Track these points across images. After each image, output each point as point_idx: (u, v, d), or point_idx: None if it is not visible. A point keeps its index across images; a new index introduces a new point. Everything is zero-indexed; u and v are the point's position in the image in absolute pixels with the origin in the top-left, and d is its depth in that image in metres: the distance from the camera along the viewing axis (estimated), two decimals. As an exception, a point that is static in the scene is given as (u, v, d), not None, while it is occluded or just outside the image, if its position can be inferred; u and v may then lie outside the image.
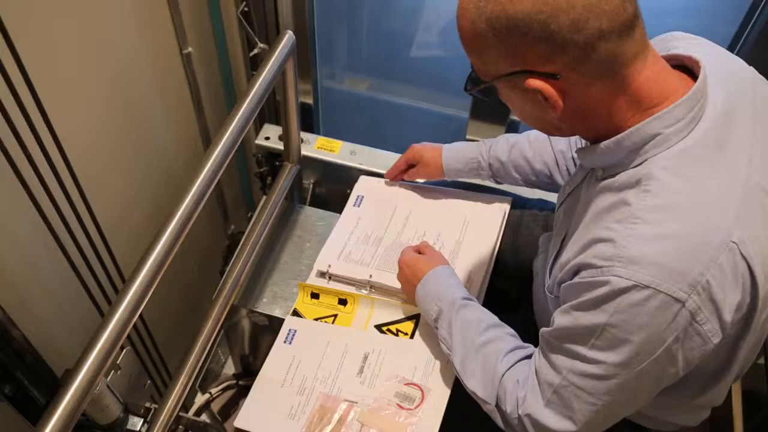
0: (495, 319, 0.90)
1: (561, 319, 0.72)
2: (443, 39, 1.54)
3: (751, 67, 0.77)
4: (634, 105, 0.66)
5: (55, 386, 0.92)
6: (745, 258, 0.62)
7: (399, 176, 1.24)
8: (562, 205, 0.87)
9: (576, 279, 0.68)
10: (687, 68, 0.70)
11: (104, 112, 1.06)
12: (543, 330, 0.76)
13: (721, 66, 0.72)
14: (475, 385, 0.85)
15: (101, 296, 1.06)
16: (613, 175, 0.69)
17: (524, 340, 0.96)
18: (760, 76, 0.76)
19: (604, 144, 0.68)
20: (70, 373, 0.72)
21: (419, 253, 1.05)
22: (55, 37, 0.89)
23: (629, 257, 0.62)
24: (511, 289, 1.18)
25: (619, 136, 0.67)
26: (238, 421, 0.96)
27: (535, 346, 0.96)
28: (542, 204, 1.19)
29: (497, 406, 0.82)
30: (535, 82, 0.64)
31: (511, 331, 0.89)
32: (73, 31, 0.93)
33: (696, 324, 0.63)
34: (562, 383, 0.72)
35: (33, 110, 0.80)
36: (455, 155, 1.15)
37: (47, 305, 1.00)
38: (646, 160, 0.66)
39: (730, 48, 1.29)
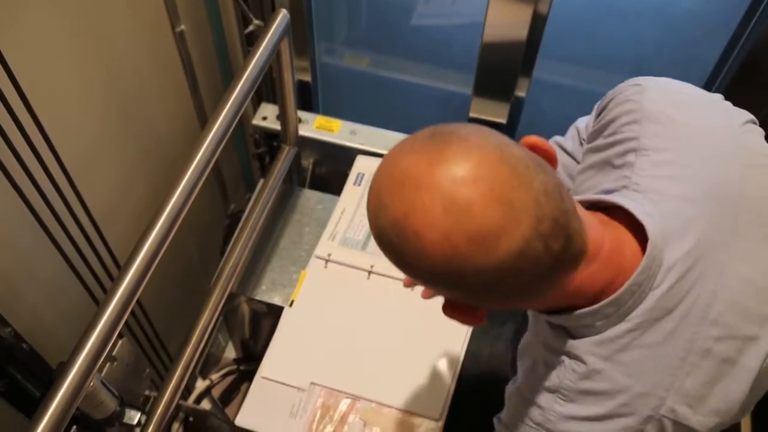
0: None
1: None
2: (445, 7, 1.50)
3: (734, 144, 0.64)
4: (572, 301, 0.61)
5: (51, 378, 0.91)
6: (678, 422, 0.60)
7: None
8: None
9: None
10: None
11: (91, 94, 1.02)
12: None
13: (697, 179, 0.62)
14: None
15: (95, 284, 1.04)
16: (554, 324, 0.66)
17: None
18: (743, 162, 0.63)
19: (541, 315, 0.66)
20: (63, 368, 0.71)
21: None
22: (35, 15, 0.85)
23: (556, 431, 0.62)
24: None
25: (552, 318, 0.63)
26: (239, 419, 0.94)
27: None
28: None
29: None
30: (450, 313, 0.61)
31: None
32: (54, 8, 0.89)
33: None
34: None
35: (11, 93, 0.77)
36: None
37: (39, 295, 0.98)
38: (581, 336, 0.62)
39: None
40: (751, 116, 0.68)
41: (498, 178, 0.50)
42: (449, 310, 0.61)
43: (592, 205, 0.63)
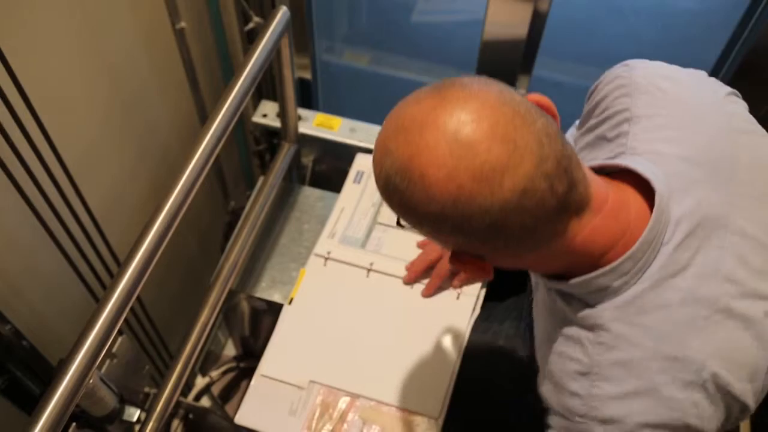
0: None
1: None
2: (445, 4, 1.50)
3: (722, 113, 0.66)
4: (577, 260, 0.60)
5: (51, 375, 0.91)
6: (721, 387, 0.58)
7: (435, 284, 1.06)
8: None
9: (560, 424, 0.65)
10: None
11: (91, 90, 1.02)
12: None
13: (691, 142, 0.64)
14: None
15: (95, 281, 1.04)
16: (570, 299, 0.64)
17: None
18: (733, 127, 0.65)
19: (553, 282, 0.64)
20: (63, 365, 0.71)
21: None
22: (35, 12, 0.85)
23: (603, 417, 0.59)
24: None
25: (566, 285, 0.62)
26: (239, 417, 0.95)
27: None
28: None
29: None
30: (457, 263, 0.60)
31: None
32: (54, 5, 0.89)
33: None
34: None
35: (11, 90, 0.76)
36: None
37: (39, 293, 0.98)
38: (598, 303, 0.61)
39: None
40: (732, 89, 0.70)
41: (500, 118, 0.51)
42: (456, 261, 0.61)
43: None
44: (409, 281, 1.06)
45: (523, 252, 0.59)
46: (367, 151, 1.30)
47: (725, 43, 1.25)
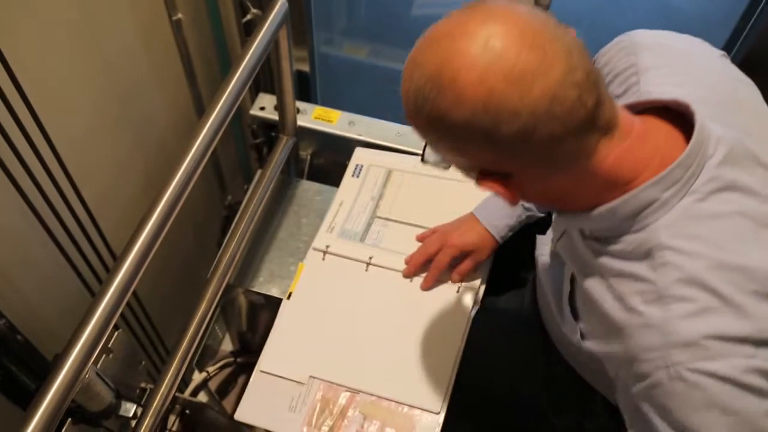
0: None
1: None
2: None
3: (720, 65, 0.71)
4: (607, 185, 0.60)
5: (46, 370, 0.90)
6: None
7: (435, 275, 1.05)
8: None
9: (639, 386, 0.60)
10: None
11: (87, 81, 1.01)
12: None
13: (700, 87, 0.66)
14: None
15: (91, 275, 1.03)
16: (608, 238, 0.63)
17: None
18: (732, 76, 0.70)
19: (591, 213, 0.62)
20: (58, 360, 0.70)
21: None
22: (31, 2, 0.84)
23: (683, 341, 0.56)
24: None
25: (610, 205, 0.61)
26: (238, 414, 0.94)
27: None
28: None
29: None
30: (484, 182, 0.60)
31: None
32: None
33: None
34: None
35: (5, 80, 0.75)
36: (496, 216, 1.01)
37: (34, 287, 0.97)
38: (646, 225, 0.60)
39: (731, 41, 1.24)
40: (723, 51, 0.74)
41: (530, 29, 0.53)
42: (483, 179, 0.61)
43: None
44: (409, 275, 1.06)
45: (552, 172, 0.59)
46: (366, 144, 1.29)
47: (725, 41, 1.25)
